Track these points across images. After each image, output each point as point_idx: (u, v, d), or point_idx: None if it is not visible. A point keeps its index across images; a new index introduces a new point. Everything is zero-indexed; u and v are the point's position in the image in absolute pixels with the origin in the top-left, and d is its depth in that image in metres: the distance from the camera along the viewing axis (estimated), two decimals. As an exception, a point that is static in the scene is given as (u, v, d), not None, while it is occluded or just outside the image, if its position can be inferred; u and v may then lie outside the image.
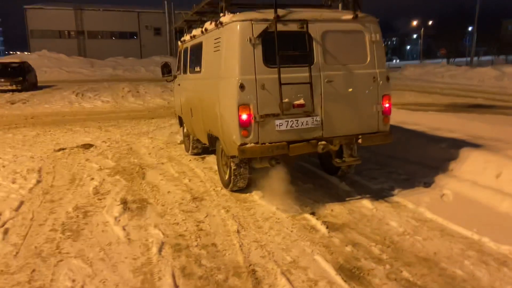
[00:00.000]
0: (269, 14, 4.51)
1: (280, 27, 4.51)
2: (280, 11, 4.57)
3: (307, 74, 4.55)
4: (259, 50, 4.47)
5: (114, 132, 10.02)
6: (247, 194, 5.25)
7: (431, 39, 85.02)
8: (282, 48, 4.47)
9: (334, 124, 4.79)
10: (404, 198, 5.01)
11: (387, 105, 5.02)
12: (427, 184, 5.46)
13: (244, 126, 4.47)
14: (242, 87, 4.41)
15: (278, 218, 4.50)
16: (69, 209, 4.86)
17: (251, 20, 4.47)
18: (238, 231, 4.16)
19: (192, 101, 6.34)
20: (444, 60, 42.79)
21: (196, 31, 6.16)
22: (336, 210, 4.72)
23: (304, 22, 4.49)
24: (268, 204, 4.88)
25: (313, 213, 4.61)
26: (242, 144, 4.51)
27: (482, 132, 7.48)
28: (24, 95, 19.21)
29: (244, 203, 4.99)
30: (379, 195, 5.18)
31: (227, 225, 4.32)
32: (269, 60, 4.50)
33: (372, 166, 6.39)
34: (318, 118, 4.70)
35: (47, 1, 54.02)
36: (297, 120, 4.61)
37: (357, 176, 5.90)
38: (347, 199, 5.08)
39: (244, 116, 4.44)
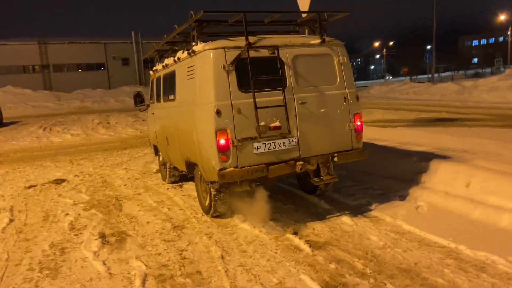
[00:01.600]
0: (241, 41, 4.65)
1: (252, 53, 4.64)
2: (251, 38, 4.72)
3: (281, 97, 4.67)
4: (233, 76, 4.57)
5: (86, 165, 9.83)
6: (229, 219, 5.25)
7: (393, 58, 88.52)
8: (255, 73, 4.59)
9: (310, 144, 4.91)
10: (382, 212, 5.13)
11: (358, 123, 5.19)
12: (402, 197, 5.62)
13: (222, 151, 4.52)
14: (218, 112, 4.48)
15: (261, 240, 4.52)
16: (45, 247, 4.72)
17: (223, 47, 4.58)
18: (222, 257, 4.15)
19: (167, 129, 6.35)
20: (407, 78, 44.34)
21: (168, 60, 6.23)
22: (317, 229, 4.78)
23: (275, 47, 4.64)
24: (251, 228, 4.89)
25: (295, 233, 4.65)
26: (221, 169, 4.55)
27: (449, 144, 7.79)
28: (-12, 132, 18.63)
29: (226, 228, 4.99)
30: (357, 211, 5.29)
31: (210, 252, 4.30)
32: (243, 85, 4.61)
33: (349, 183, 6.52)
34: (295, 139, 4.81)
35: (10, 36, 53.07)
36: (274, 142, 4.70)
37: (336, 194, 6.02)
38: (328, 217, 5.16)
39: (222, 141, 4.50)
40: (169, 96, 6.16)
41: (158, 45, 6.59)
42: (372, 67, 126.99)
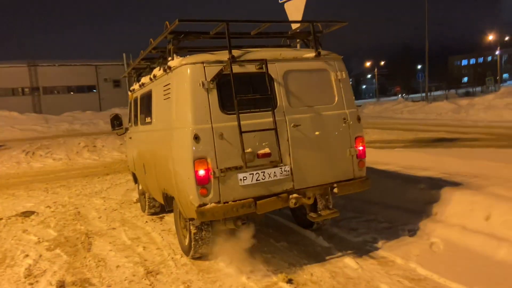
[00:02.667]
0: (223, 55, 3.99)
1: (237, 68, 3.97)
2: (236, 52, 4.06)
3: (270, 119, 3.99)
4: (214, 95, 3.89)
5: (62, 194, 9.02)
6: (212, 262, 4.49)
7: (384, 78, 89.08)
8: (240, 92, 3.91)
9: (305, 174, 4.20)
10: (391, 252, 4.40)
11: (361, 147, 4.51)
12: (412, 232, 4.90)
13: (201, 183, 3.79)
14: (196, 138, 3.78)
15: (249, 291, 3.76)
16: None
17: (202, 62, 3.92)
18: (200, 315, 3.38)
19: (144, 156, 5.63)
20: (400, 97, 44.12)
21: (144, 79, 5.56)
22: (316, 274, 4.03)
23: (262, 62, 3.98)
24: (237, 273, 4.13)
25: (290, 281, 3.90)
26: (200, 205, 3.82)
27: (456, 168, 7.13)
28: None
29: (208, 274, 4.22)
30: (362, 249, 4.56)
31: (187, 308, 3.53)
32: (226, 105, 3.93)
33: (349, 214, 5.80)
34: (287, 168, 4.11)
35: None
36: (263, 172, 3.99)
37: (335, 228, 5.28)
38: (327, 258, 4.42)
39: (201, 172, 3.78)
40: (146, 118, 5.47)
41: (135, 62, 5.92)
42: (364, 86, 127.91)
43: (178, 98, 4.01)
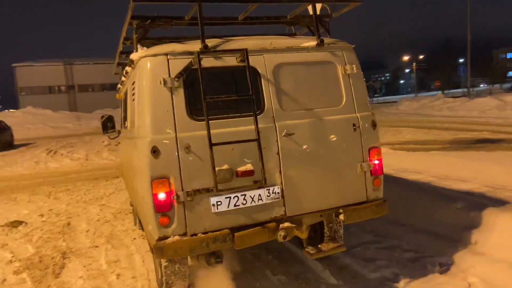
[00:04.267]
0: (194, 45, 3.12)
1: (212, 62, 3.10)
2: (212, 41, 3.19)
3: (252, 127, 3.07)
4: (180, 96, 3.03)
5: (62, 200, 8.45)
6: (188, 301, 3.63)
7: (423, 72, 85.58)
8: (216, 92, 3.04)
9: (301, 197, 3.27)
10: (414, 297, 3.40)
11: (376, 161, 3.52)
12: (445, 268, 3.87)
13: (161, 210, 2.94)
14: (155, 152, 2.92)
15: None
16: None
17: (166, 54, 3.05)
18: None
19: (124, 165, 4.86)
20: (440, 92, 41.74)
21: (123, 76, 4.78)
22: (313, 327, 3.10)
23: (242, 52, 3.05)
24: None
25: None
26: (160, 238, 2.97)
27: (502, 180, 5.98)
28: (-8, 156, 17.80)
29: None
30: (378, 291, 3.58)
31: None
32: (196, 110, 3.05)
33: (367, 237, 4.79)
34: (277, 189, 3.19)
35: (36, 57, 54.00)
36: (244, 195, 3.09)
37: (348, 257, 4.30)
38: (331, 302, 3.47)
39: (161, 195, 2.93)
40: (125, 122, 4.69)
41: (115, 58, 5.15)
42: (402, 81, 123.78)
43: (139, 100, 3.17)
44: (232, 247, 3.04)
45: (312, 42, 3.44)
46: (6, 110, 52.75)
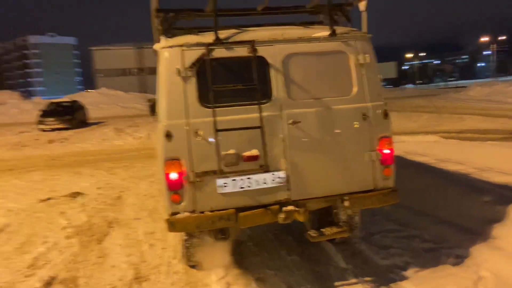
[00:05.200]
0: (208, 36, 3.35)
1: (223, 52, 3.32)
2: (225, 32, 3.39)
3: (256, 115, 3.27)
4: (192, 85, 3.29)
5: (119, 175, 9.21)
6: (204, 273, 3.96)
7: (505, 54, 79.12)
8: (227, 81, 3.27)
9: (307, 182, 3.44)
10: (418, 286, 3.45)
11: (387, 151, 3.57)
12: (459, 260, 3.84)
13: (174, 188, 3.26)
14: (169, 135, 3.24)
15: (222, 319, 3.18)
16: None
17: (181, 45, 3.32)
18: None
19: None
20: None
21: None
22: (312, 305, 3.30)
23: (250, 43, 3.24)
24: (223, 291, 3.57)
25: (276, 312, 3.23)
26: (173, 214, 3.30)
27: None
28: (68, 133, 19.52)
29: (194, 287, 3.72)
30: (384, 277, 3.68)
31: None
32: (206, 98, 3.30)
33: (389, 226, 4.83)
34: (282, 174, 3.37)
35: (112, 41, 57.25)
36: (250, 179, 3.31)
37: (364, 244, 4.40)
38: (336, 284, 3.63)
39: (173, 175, 3.24)
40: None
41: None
42: (482, 64, 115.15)
43: (158, 87, 3.49)
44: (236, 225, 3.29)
45: (324, 32, 3.52)
46: (85, 91, 57.01)
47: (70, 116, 22.17)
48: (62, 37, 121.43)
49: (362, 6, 3.58)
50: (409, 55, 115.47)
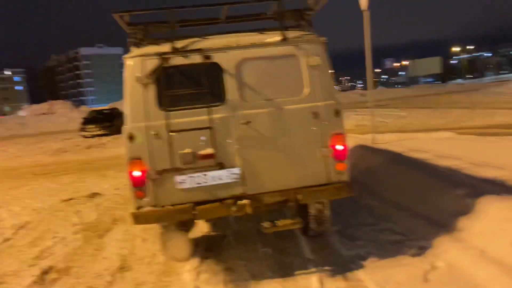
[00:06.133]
0: (165, 47, 3.69)
1: (181, 60, 3.66)
2: (183, 42, 3.73)
3: (217, 116, 3.58)
4: (151, 91, 3.65)
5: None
6: (180, 264, 4.30)
7: None
8: (185, 86, 3.61)
9: (261, 177, 3.69)
10: (371, 275, 3.62)
11: (340, 147, 3.75)
12: (421, 251, 3.96)
13: (137, 185, 3.63)
14: (131, 137, 3.61)
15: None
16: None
17: (142, 55, 3.69)
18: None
19: None
20: None
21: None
22: (267, 293, 3.55)
23: (201, 52, 3.56)
24: (191, 281, 3.90)
25: (231, 298, 3.51)
26: (138, 208, 3.66)
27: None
28: (107, 139, 20.63)
29: (167, 277, 4.08)
30: (343, 267, 3.85)
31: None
32: (168, 102, 3.64)
33: (367, 219, 4.98)
34: (237, 171, 3.65)
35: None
36: (206, 175, 3.62)
37: (337, 236, 4.59)
38: (296, 273, 3.85)
39: (136, 173, 3.61)
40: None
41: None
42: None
43: (123, 94, 3.86)
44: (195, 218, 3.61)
45: (276, 38, 3.77)
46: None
47: (109, 123, 23.37)
48: (109, 48, 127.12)
49: (363, 4, 3.76)
50: (456, 49, 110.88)
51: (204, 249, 4.62)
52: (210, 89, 3.61)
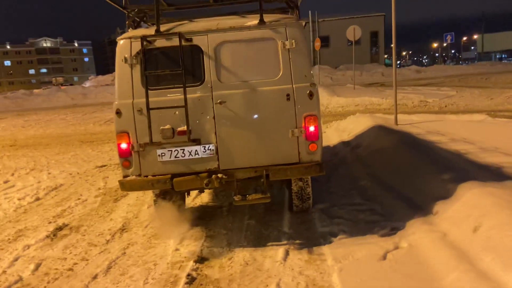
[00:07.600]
0: (150, 30, 4.00)
1: (164, 42, 3.95)
2: (166, 25, 4.02)
3: (194, 95, 3.88)
4: (137, 71, 3.99)
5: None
6: (171, 229, 4.68)
7: None
8: (168, 67, 3.92)
9: (234, 154, 3.96)
10: (333, 250, 3.82)
11: (312, 128, 3.91)
12: (392, 232, 4.08)
13: (124, 156, 4.04)
14: (118, 113, 4.01)
15: (156, 262, 3.93)
16: (12, 232, 5.13)
17: (130, 37, 4.02)
18: (96, 275, 3.76)
19: None
20: None
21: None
22: (235, 259, 3.88)
23: (178, 35, 3.82)
24: (174, 244, 4.31)
25: (201, 260, 3.89)
26: (124, 176, 4.09)
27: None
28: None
29: (155, 240, 4.51)
30: (312, 242, 4.08)
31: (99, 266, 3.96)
32: (149, 82, 3.97)
33: (355, 200, 5.10)
34: (212, 147, 3.95)
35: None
36: (183, 150, 3.95)
37: (318, 213, 4.78)
38: (268, 244, 4.13)
39: (123, 145, 4.02)
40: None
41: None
42: None
43: (115, 73, 4.24)
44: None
45: (253, 21, 3.94)
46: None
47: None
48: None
49: None
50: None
51: (197, 217, 5.02)
52: (191, 70, 3.89)
